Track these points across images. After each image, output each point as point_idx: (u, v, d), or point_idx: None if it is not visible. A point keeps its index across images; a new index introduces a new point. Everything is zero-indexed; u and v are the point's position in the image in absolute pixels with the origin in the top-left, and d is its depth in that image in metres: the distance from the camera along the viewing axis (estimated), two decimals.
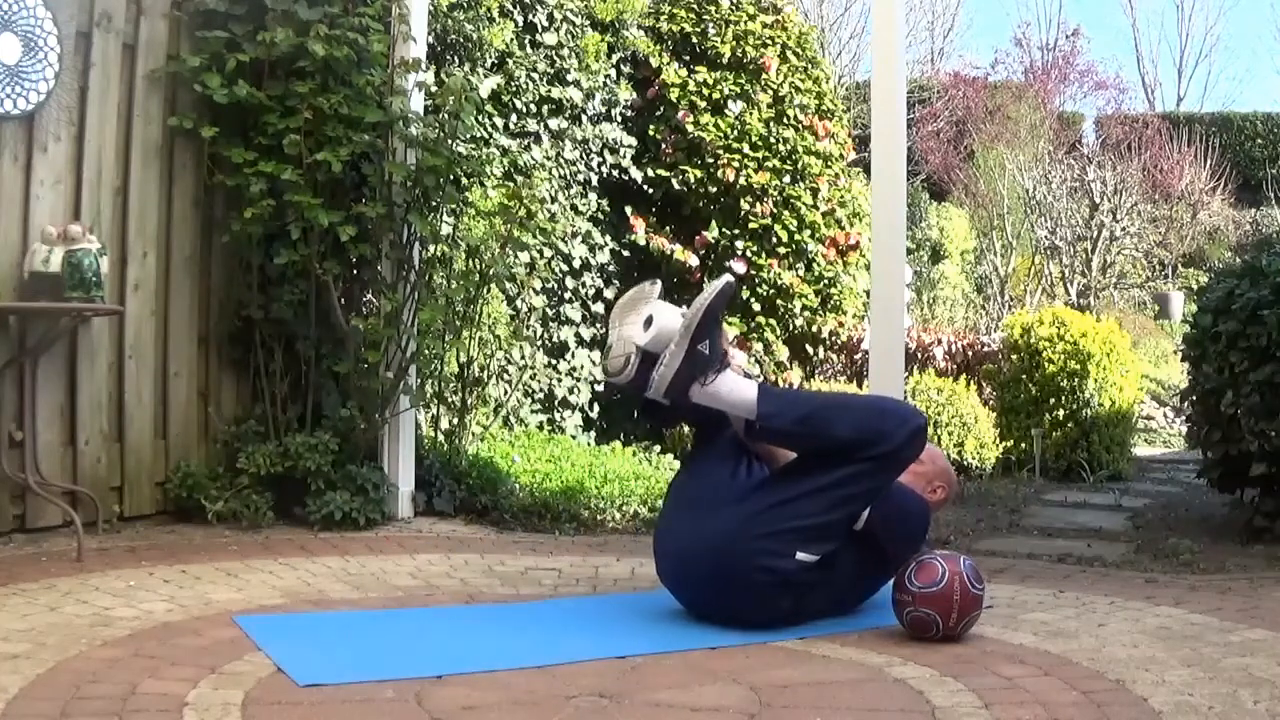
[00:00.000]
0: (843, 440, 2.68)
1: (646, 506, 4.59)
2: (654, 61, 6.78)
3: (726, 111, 6.73)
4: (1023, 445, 6.12)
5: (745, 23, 6.92)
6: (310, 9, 4.12)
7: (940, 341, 7.20)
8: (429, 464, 4.60)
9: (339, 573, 3.34)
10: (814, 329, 6.83)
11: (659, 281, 2.91)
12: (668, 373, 2.61)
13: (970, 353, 7.10)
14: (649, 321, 2.80)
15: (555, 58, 6.05)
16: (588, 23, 6.32)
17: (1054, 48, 19.14)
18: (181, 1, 4.15)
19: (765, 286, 6.63)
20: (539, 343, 5.90)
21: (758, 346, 6.63)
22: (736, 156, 6.62)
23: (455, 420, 5.03)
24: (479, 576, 3.37)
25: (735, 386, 2.70)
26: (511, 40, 5.71)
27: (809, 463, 2.77)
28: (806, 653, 2.58)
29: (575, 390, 6.22)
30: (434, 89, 4.73)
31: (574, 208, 6.21)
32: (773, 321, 6.69)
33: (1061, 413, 6.06)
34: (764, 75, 6.85)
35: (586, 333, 6.32)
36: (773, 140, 6.74)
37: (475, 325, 5.00)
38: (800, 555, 2.67)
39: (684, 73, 6.78)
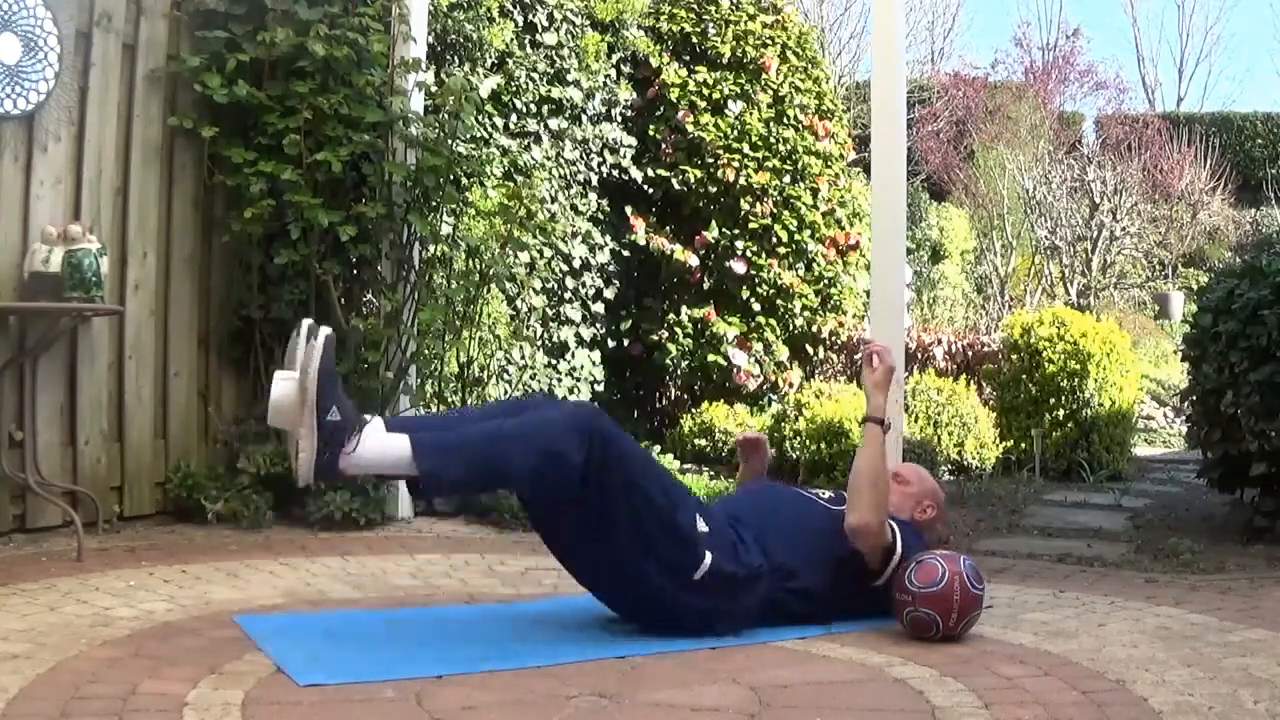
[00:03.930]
0: (523, 475, 2.45)
1: None
2: (654, 61, 6.78)
3: (726, 111, 6.73)
4: (1023, 445, 6.11)
5: (745, 23, 6.92)
6: (310, 9, 4.13)
7: (940, 341, 7.20)
8: None
9: (339, 573, 3.34)
10: (814, 329, 6.83)
11: (305, 325, 2.42)
12: (307, 458, 2.31)
13: (970, 353, 7.09)
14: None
15: (555, 58, 6.04)
16: (588, 23, 6.31)
17: (1054, 48, 19.13)
18: (181, 1, 4.15)
19: (765, 286, 6.63)
20: (539, 343, 5.90)
21: (758, 346, 6.64)
22: (736, 156, 6.62)
23: None
24: (479, 576, 3.37)
25: (386, 446, 2.39)
26: (511, 40, 5.70)
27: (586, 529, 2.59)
28: (806, 653, 2.58)
29: (575, 390, 6.22)
30: (434, 89, 4.73)
31: (574, 208, 6.21)
32: (773, 321, 6.69)
33: (1061, 413, 6.05)
34: (764, 75, 6.85)
35: (586, 333, 6.32)
36: (773, 140, 6.74)
37: (475, 325, 5.00)
38: (691, 580, 2.58)
39: (684, 73, 6.78)
